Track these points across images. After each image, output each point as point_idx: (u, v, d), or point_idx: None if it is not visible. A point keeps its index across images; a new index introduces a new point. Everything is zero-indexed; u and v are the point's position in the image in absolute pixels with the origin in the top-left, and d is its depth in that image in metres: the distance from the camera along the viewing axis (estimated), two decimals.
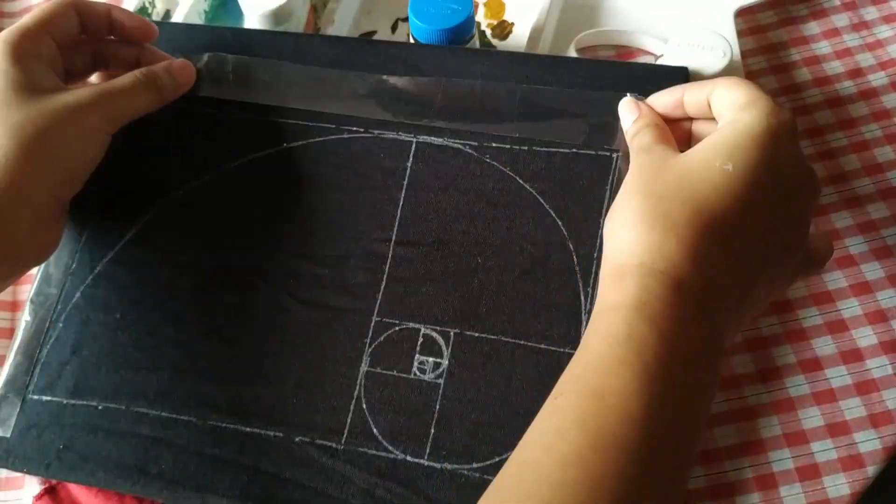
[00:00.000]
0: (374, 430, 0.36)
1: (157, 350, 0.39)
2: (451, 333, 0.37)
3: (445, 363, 0.37)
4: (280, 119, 0.42)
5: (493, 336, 0.37)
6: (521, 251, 0.38)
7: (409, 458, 0.35)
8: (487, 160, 0.39)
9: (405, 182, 0.40)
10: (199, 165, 0.42)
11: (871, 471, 0.38)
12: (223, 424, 0.37)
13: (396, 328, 0.38)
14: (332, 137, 0.41)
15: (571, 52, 0.48)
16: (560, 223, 0.38)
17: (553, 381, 0.30)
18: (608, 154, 0.38)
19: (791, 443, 0.39)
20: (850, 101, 0.48)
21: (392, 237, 0.39)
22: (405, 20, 0.53)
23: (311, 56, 0.42)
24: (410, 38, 0.44)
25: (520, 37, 0.51)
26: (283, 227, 0.40)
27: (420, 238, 0.39)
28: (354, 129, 0.41)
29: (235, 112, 0.42)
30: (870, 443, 0.39)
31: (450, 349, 0.37)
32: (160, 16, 0.52)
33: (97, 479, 0.37)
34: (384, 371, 0.37)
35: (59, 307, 0.40)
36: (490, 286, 0.37)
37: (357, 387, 0.37)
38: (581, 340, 0.31)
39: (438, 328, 0.37)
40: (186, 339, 0.39)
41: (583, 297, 0.36)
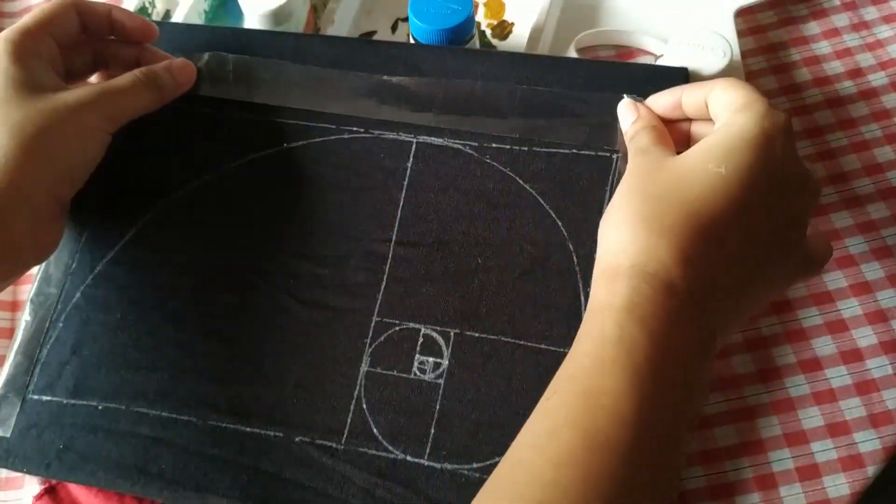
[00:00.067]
0: (375, 430, 0.36)
1: (157, 350, 0.39)
2: (452, 333, 0.37)
3: (445, 363, 0.37)
4: (280, 119, 0.42)
5: (493, 336, 0.37)
6: (521, 251, 0.38)
7: (410, 458, 0.35)
8: (487, 160, 0.39)
9: (405, 182, 0.40)
10: (200, 165, 0.42)
11: (871, 471, 0.38)
12: (223, 424, 0.37)
13: (396, 328, 0.38)
14: (333, 137, 0.41)
15: (571, 53, 0.48)
16: (560, 224, 0.38)
17: None
18: (608, 155, 0.38)
19: (791, 443, 0.39)
20: (850, 101, 0.48)
21: (392, 237, 0.39)
22: (405, 20, 0.53)
23: (312, 56, 0.42)
24: (410, 38, 0.44)
25: (520, 37, 0.51)
26: (284, 227, 0.40)
27: (420, 238, 0.39)
28: (355, 130, 0.41)
29: (235, 112, 0.42)
30: (870, 443, 0.39)
31: (450, 349, 0.37)
32: (160, 16, 0.52)
33: (97, 479, 0.37)
34: (384, 371, 0.37)
35: (59, 307, 0.40)
36: (490, 286, 0.37)
37: (357, 387, 0.37)
38: (574, 341, 0.31)
39: (438, 328, 0.37)
40: (186, 339, 0.39)
41: (583, 298, 0.36)
